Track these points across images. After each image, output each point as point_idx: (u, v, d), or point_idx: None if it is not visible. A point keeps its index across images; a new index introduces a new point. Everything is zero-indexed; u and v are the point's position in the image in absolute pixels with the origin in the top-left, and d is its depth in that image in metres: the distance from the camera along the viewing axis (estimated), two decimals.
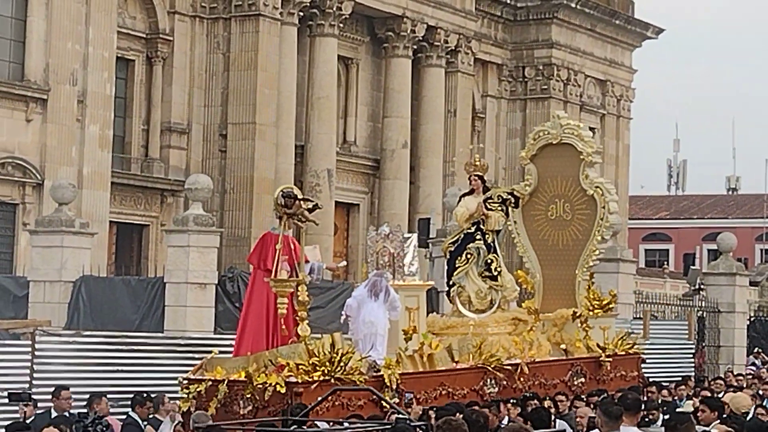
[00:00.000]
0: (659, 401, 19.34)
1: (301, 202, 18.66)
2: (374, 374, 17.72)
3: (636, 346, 24.17)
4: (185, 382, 17.66)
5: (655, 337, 34.71)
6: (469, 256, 22.10)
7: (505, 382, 19.65)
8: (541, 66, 57.55)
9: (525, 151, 24.67)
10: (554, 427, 15.84)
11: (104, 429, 14.65)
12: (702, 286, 41.60)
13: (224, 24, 44.29)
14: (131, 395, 19.36)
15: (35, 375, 21.18)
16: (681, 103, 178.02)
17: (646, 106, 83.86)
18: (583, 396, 19.26)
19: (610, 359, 22.28)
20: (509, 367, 20.03)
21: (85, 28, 38.24)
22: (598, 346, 22.27)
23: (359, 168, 49.98)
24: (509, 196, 23.28)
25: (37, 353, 21.75)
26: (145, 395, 18.12)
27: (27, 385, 20.52)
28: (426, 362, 19.06)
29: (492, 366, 19.70)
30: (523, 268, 24.03)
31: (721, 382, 26.25)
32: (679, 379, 27.46)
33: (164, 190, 42.79)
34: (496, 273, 22.11)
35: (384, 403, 16.87)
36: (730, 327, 38.32)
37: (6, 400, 18.67)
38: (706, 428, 13.00)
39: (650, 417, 15.15)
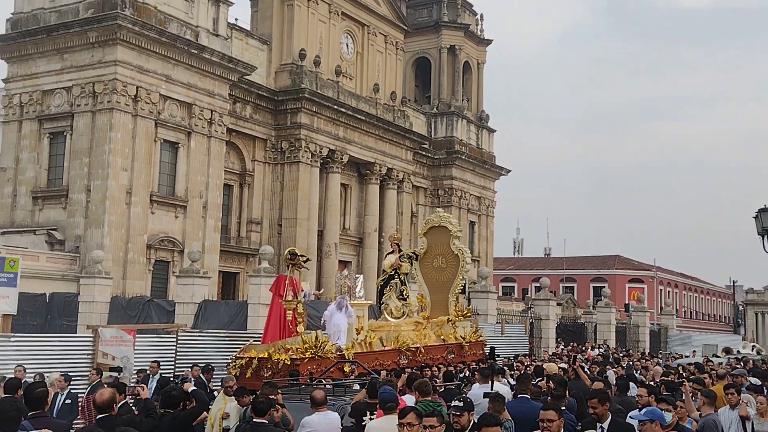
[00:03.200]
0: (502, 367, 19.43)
1: (300, 257, 19.30)
2: (339, 353, 18.08)
3: (482, 337, 24.55)
4: (234, 358, 18.01)
5: (508, 333, 34.83)
6: (391, 287, 22.65)
7: (411, 357, 20.05)
8: (447, 189, 57.88)
9: (420, 230, 25.73)
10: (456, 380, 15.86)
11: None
12: (531, 306, 41.78)
13: (281, 166, 44.55)
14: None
15: (178, 355, 21.06)
16: (521, 207, 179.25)
17: (503, 209, 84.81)
18: (452, 364, 19.64)
19: (468, 344, 22.68)
20: (413, 349, 20.50)
21: (207, 168, 38.40)
22: (461, 337, 22.69)
23: (351, 242, 49.98)
24: (413, 254, 23.90)
25: (179, 342, 21.65)
26: (211, 366, 17.89)
27: (173, 361, 20.43)
28: (368, 346, 19.37)
29: (404, 348, 20.20)
30: (420, 294, 24.39)
31: (524, 359, 26.43)
32: (520, 354, 27.75)
33: (248, 254, 42.48)
34: (405, 297, 22.76)
35: (362, 371, 17.08)
36: (547, 328, 38.42)
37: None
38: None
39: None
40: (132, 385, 15.89)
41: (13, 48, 36.85)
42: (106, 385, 11.08)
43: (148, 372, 17.39)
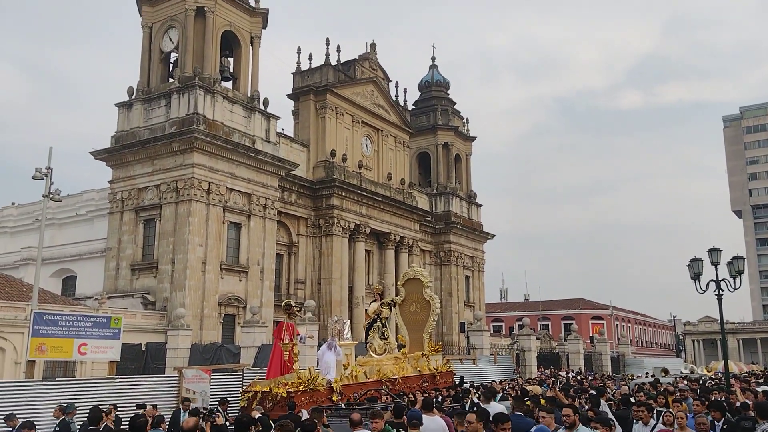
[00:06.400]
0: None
1: (294, 308, 18.29)
2: (329, 385, 16.88)
3: (451, 367, 22.85)
4: (243, 391, 16.77)
5: (500, 362, 34.12)
6: (374, 329, 21.30)
7: (390, 386, 18.52)
8: (447, 251, 57.56)
9: (399, 282, 23.97)
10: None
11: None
12: (516, 340, 41.03)
13: (319, 238, 44.52)
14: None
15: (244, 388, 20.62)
16: (505, 263, 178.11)
17: (490, 265, 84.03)
18: (426, 391, 18.28)
19: (439, 374, 21.28)
20: (392, 379, 19.23)
21: (263, 242, 38.41)
22: (434, 368, 21.36)
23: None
24: (392, 302, 22.62)
25: (245, 377, 21.25)
26: (226, 399, 16.57)
27: (239, 394, 19.95)
28: (354, 378, 18.19)
29: (384, 379, 18.90)
30: (400, 334, 22.98)
31: (517, 381, 25.51)
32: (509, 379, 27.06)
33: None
34: (386, 337, 21.35)
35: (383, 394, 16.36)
36: (530, 357, 37.43)
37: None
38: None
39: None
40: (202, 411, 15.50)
41: (116, 157, 37.53)
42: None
43: (180, 407, 16.37)
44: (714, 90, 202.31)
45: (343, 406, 14.80)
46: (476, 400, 13.91)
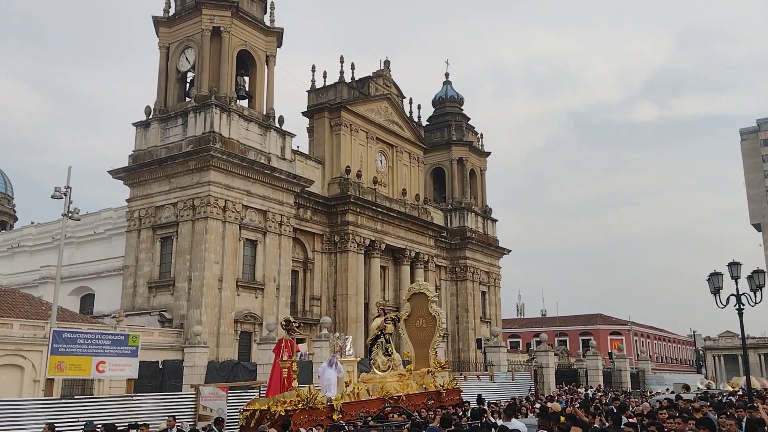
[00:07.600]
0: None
1: (293, 324, 18.01)
2: (329, 404, 16.51)
3: (457, 384, 22.09)
4: (242, 410, 16.55)
5: (517, 378, 33.77)
6: (378, 345, 20.88)
7: (394, 405, 18.07)
8: (462, 266, 57.27)
9: (404, 296, 23.45)
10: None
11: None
12: (534, 356, 40.62)
13: (334, 255, 44.52)
14: None
15: None
16: (521, 278, 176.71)
17: (506, 280, 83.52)
18: (432, 409, 17.67)
19: (445, 391, 20.66)
20: (396, 397, 18.72)
21: (279, 259, 38.51)
22: (440, 385, 20.74)
23: (390, 311, 48.96)
24: (396, 317, 22.13)
25: (261, 395, 21.16)
26: (221, 418, 16.48)
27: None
28: (356, 396, 17.75)
29: (388, 397, 18.46)
30: (406, 350, 22.41)
31: (528, 398, 25.08)
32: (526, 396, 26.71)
33: (311, 324, 41.54)
34: (390, 353, 20.91)
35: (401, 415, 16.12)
36: (547, 374, 37.09)
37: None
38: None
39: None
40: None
41: (134, 176, 37.94)
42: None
43: (166, 426, 16.34)
44: (730, 102, 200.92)
45: (346, 425, 14.65)
46: (492, 419, 13.74)
